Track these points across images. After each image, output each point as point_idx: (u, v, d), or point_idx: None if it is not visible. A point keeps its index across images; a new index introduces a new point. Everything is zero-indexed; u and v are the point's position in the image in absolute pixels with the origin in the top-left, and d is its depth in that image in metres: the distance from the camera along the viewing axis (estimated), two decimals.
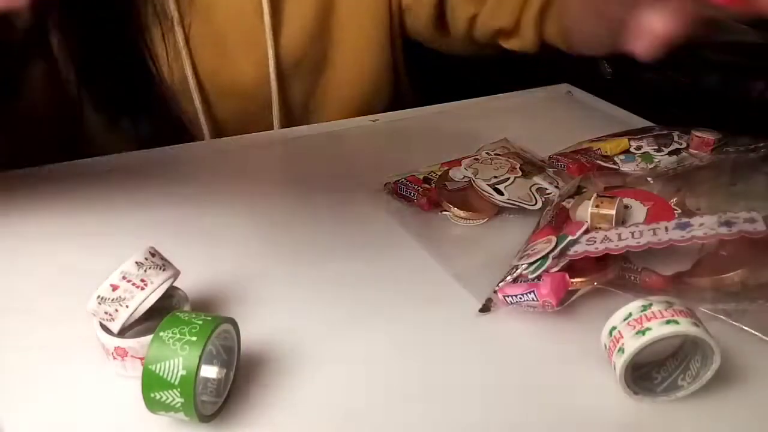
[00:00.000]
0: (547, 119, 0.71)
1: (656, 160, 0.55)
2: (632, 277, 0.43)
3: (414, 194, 0.51)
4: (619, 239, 0.41)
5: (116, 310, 0.34)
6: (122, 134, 0.63)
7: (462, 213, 0.50)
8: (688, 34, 0.45)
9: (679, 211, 0.47)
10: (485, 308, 0.41)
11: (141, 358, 0.34)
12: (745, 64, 1.11)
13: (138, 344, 0.34)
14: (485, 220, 0.51)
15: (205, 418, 0.32)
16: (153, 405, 0.31)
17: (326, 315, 0.41)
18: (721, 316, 0.40)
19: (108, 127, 0.62)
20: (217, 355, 0.34)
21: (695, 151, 0.55)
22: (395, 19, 0.71)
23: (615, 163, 0.56)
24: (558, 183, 0.53)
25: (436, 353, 0.38)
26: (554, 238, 0.42)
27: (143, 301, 0.34)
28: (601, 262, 0.42)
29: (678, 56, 1.12)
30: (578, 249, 0.41)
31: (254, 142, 0.62)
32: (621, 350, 0.34)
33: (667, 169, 0.54)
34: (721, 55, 1.12)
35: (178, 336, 0.30)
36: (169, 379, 0.30)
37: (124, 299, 0.34)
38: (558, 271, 0.40)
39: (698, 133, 0.55)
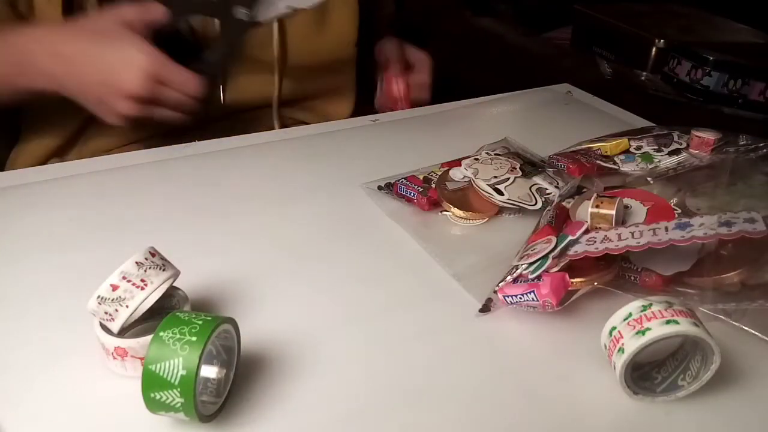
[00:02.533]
0: (547, 119, 0.71)
1: (656, 160, 0.55)
2: (632, 277, 0.43)
3: (414, 194, 0.51)
4: (619, 239, 0.41)
5: (116, 310, 0.34)
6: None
7: (462, 213, 0.50)
8: None
9: (679, 211, 0.47)
10: (485, 308, 0.41)
11: (141, 358, 0.34)
12: (745, 64, 1.11)
13: (138, 344, 0.34)
14: (485, 220, 0.51)
15: (205, 418, 0.32)
16: (153, 405, 0.31)
17: (326, 315, 0.41)
18: (721, 316, 0.40)
19: None
20: (217, 355, 0.34)
21: (695, 151, 0.55)
22: None
23: (615, 163, 0.56)
24: (558, 183, 0.53)
25: (436, 353, 0.38)
26: (554, 238, 0.42)
27: (143, 301, 0.34)
28: (601, 262, 0.42)
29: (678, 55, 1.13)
30: (578, 249, 0.41)
31: (254, 142, 0.62)
32: (621, 350, 0.34)
33: (667, 170, 0.54)
34: (721, 55, 1.12)
35: (178, 336, 0.30)
36: (169, 379, 0.30)
37: (124, 299, 0.34)
38: (558, 271, 0.40)
39: (698, 133, 0.55)
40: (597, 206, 0.44)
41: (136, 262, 0.35)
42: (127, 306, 0.34)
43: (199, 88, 0.56)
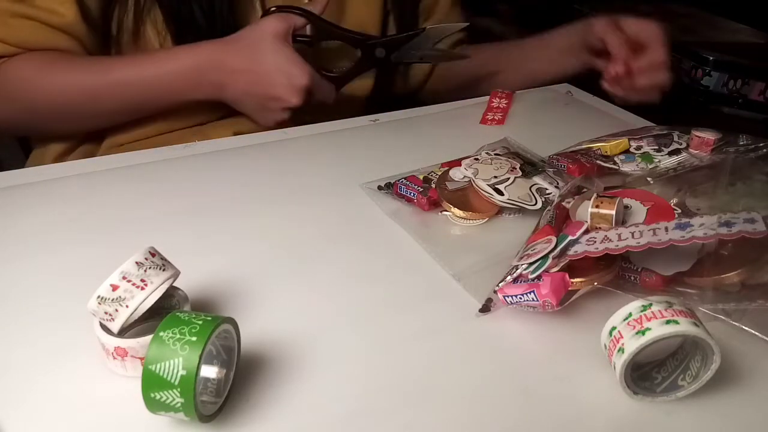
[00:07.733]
0: (547, 119, 0.71)
1: (656, 160, 0.55)
2: (632, 277, 0.43)
3: (414, 194, 0.51)
4: (619, 239, 0.41)
5: (116, 310, 0.34)
6: None
7: (462, 213, 0.50)
8: None
9: (679, 211, 0.47)
10: (485, 308, 0.41)
11: (141, 358, 0.34)
12: (745, 64, 1.11)
13: (138, 344, 0.34)
14: (485, 220, 0.51)
15: (205, 418, 0.32)
16: (153, 405, 0.31)
17: (326, 315, 0.41)
18: (721, 316, 0.40)
19: None
20: (217, 355, 0.34)
21: (695, 151, 0.55)
22: None
23: (615, 163, 0.56)
24: (558, 183, 0.53)
25: (436, 353, 0.38)
26: (554, 238, 0.42)
27: (143, 301, 0.34)
28: (601, 262, 0.42)
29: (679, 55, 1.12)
30: (578, 249, 0.41)
31: (254, 142, 0.62)
32: (621, 350, 0.34)
33: (667, 170, 0.54)
34: (721, 55, 1.12)
35: (178, 336, 0.30)
36: (169, 379, 0.30)
37: (124, 299, 0.34)
38: (558, 271, 0.40)
39: (698, 133, 0.55)
40: (597, 206, 0.44)
41: (136, 262, 0.35)
42: (127, 306, 0.34)
43: (333, 96, 0.65)
